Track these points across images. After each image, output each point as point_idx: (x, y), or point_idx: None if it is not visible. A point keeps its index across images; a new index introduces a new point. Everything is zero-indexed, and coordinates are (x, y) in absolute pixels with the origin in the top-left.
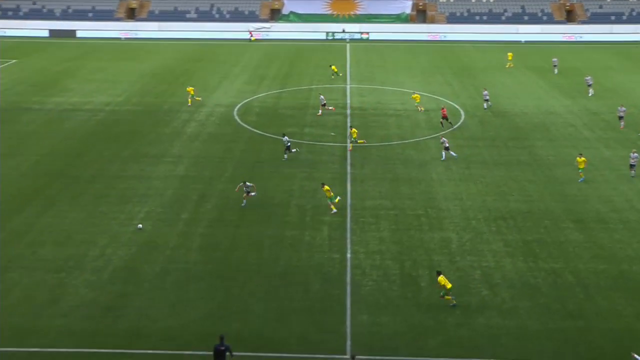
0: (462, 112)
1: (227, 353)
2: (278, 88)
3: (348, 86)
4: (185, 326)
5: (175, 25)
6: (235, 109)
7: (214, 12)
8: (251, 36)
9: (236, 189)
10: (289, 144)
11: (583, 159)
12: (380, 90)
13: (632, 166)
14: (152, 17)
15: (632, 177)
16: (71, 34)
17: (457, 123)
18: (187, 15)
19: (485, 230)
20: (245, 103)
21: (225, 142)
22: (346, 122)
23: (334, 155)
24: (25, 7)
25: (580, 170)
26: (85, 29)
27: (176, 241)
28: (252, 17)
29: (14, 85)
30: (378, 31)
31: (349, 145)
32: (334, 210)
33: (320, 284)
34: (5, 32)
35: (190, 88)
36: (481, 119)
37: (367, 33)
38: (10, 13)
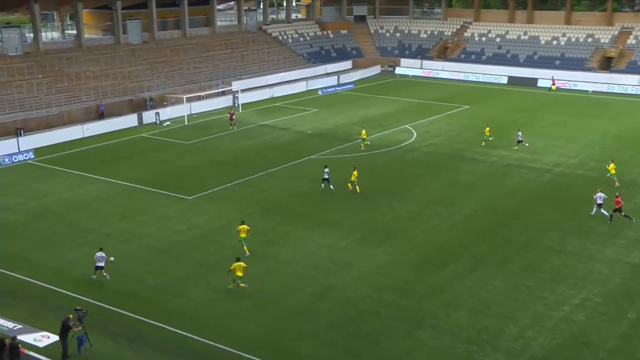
0: None
1: None
2: None
3: None
4: None
5: None
6: None
7: None
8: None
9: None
10: (327, 176)
11: None
12: None
13: None
14: (632, 69)
15: None
16: (531, 82)
17: None
18: None
19: None
20: None
21: None
22: None
23: None
24: (489, 52)
25: None
26: (548, 78)
27: (615, 343)
28: None
29: (462, 131)
30: None
31: (349, 186)
32: (247, 253)
33: None
34: (467, 77)
35: (487, 128)
36: None
37: None
38: (473, 57)
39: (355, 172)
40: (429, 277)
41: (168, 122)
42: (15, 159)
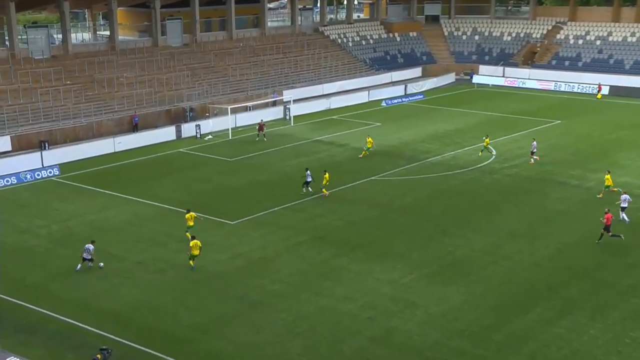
0: None
1: None
2: None
3: None
4: None
5: None
6: None
7: None
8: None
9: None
10: (309, 179)
11: None
12: None
13: None
14: None
15: None
16: (636, 93)
17: None
18: None
19: None
20: None
21: None
22: None
23: None
24: (586, 57)
25: None
26: None
27: None
28: None
29: (551, 151)
30: None
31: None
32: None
33: None
34: (558, 87)
35: (487, 140)
36: None
37: None
38: (567, 63)
39: (326, 176)
40: (510, 322)
41: (210, 136)
42: (38, 175)
